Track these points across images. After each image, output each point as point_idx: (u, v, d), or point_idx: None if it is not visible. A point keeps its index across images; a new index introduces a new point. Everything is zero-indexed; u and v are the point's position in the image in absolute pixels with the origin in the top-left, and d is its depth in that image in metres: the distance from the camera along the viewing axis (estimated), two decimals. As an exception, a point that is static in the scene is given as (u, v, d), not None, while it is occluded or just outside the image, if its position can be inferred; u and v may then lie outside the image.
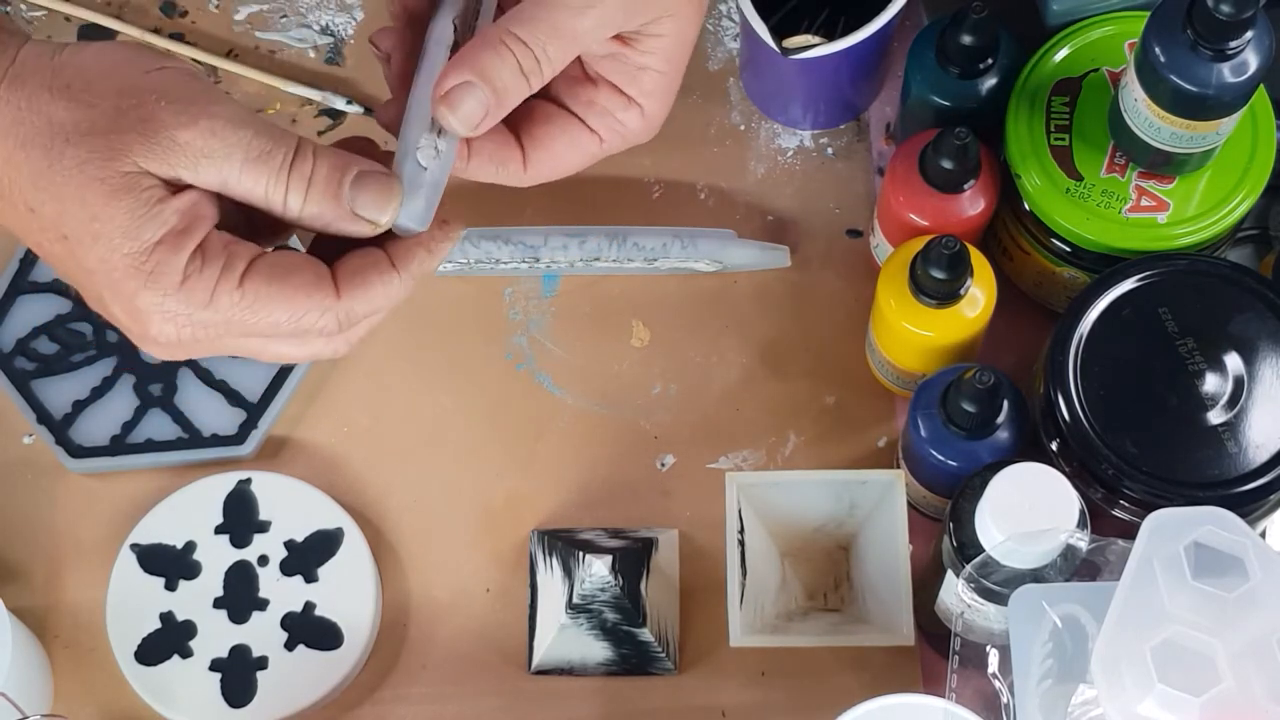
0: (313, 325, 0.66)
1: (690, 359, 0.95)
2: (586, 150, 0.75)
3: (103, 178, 0.62)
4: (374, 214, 0.66)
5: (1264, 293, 0.82)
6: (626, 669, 0.88)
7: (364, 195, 0.66)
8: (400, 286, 0.67)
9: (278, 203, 0.65)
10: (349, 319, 0.66)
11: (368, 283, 0.66)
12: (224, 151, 0.63)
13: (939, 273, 0.83)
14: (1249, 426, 0.80)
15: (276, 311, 0.65)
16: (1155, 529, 0.70)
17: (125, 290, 0.64)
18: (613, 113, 0.74)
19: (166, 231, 0.63)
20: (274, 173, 0.64)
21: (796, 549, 0.90)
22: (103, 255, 0.63)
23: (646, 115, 0.75)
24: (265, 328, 0.65)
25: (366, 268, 0.67)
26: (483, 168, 0.74)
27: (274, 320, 0.65)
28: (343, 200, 0.66)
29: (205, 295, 0.64)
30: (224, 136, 0.63)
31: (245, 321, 0.65)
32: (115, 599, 0.89)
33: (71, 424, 0.93)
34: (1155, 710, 0.66)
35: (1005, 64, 0.89)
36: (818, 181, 0.98)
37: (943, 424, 0.83)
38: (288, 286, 0.65)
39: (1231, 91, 0.79)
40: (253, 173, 0.64)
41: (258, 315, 0.65)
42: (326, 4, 1.02)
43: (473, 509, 0.92)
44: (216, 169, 0.64)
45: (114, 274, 0.63)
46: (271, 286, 0.65)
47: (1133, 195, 0.86)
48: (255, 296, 0.64)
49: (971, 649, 0.76)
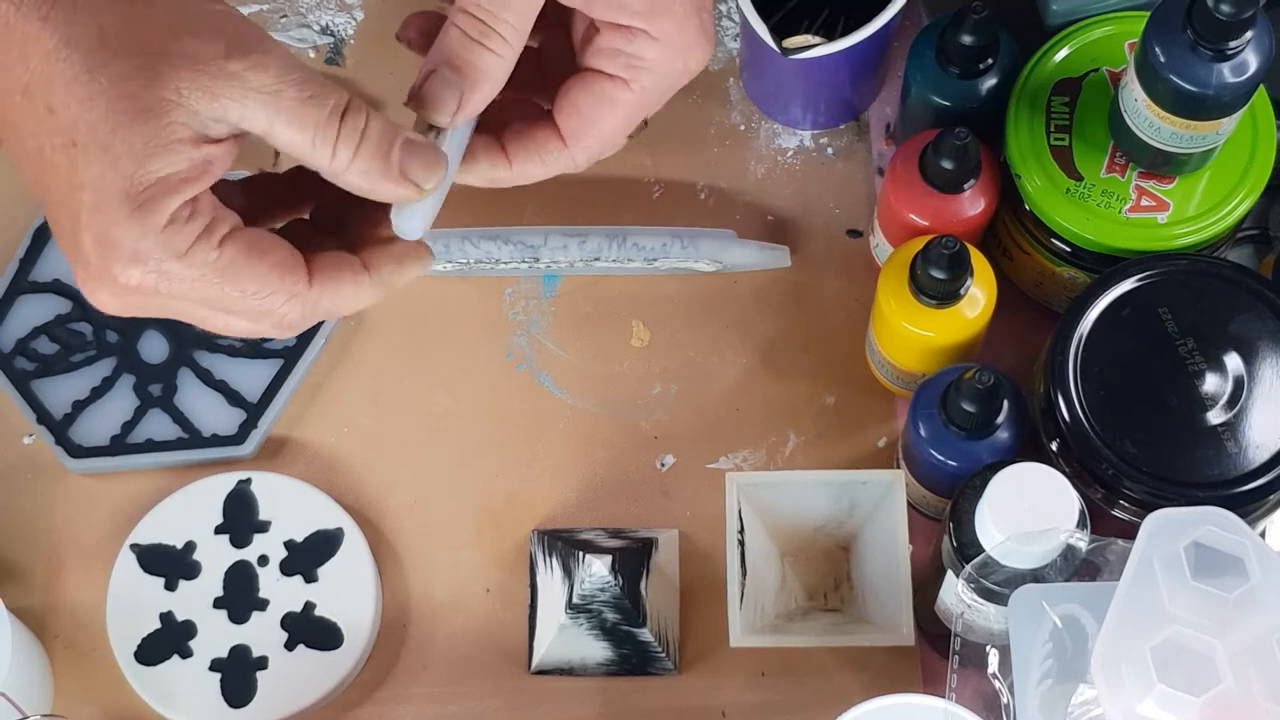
0: (275, 308, 0.65)
1: (690, 359, 0.95)
2: (617, 100, 0.71)
3: (136, 95, 0.60)
4: (422, 178, 0.65)
5: (1264, 293, 0.82)
6: (626, 669, 0.88)
7: (413, 159, 0.65)
8: (368, 291, 0.66)
9: (325, 153, 0.63)
10: (313, 312, 0.65)
11: (339, 279, 0.66)
12: (275, 88, 0.61)
13: (939, 273, 0.83)
14: (1249, 426, 0.80)
15: (246, 283, 0.63)
16: (1155, 529, 0.70)
17: (108, 214, 0.61)
18: (621, 49, 0.70)
19: (172, 172, 0.61)
20: (325, 118, 0.62)
21: (796, 549, 0.90)
22: (103, 171, 0.61)
23: (657, 37, 0.70)
24: (228, 298, 0.64)
25: (340, 265, 0.66)
26: (526, 164, 0.72)
27: (241, 291, 0.63)
28: (393, 160, 0.64)
29: (183, 246, 0.62)
30: (277, 73, 0.61)
31: (211, 285, 0.63)
32: (115, 599, 0.89)
33: (71, 424, 0.93)
34: (1155, 710, 0.66)
35: (1005, 64, 0.89)
36: (818, 181, 0.98)
37: (943, 424, 0.83)
38: (263, 262, 0.64)
39: (1231, 91, 0.79)
40: (303, 116, 0.62)
41: (226, 282, 0.63)
42: (326, 4, 1.02)
43: (473, 509, 0.92)
44: (265, 107, 0.62)
45: (105, 194, 0.61)
46: (249, 258, 0.63)
47: (1133, 195, 0.86)
48: (230, 262, 0.63)
49: (971, 649, 0.76)
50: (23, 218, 0.97)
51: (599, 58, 0.71)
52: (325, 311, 0.66)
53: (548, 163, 0.72)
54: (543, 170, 0.72)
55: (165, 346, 0.94)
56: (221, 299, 0.64)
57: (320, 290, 0.65)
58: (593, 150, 0.72)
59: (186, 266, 0.62)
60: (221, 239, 0.63)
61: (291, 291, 0.64)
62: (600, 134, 0.71)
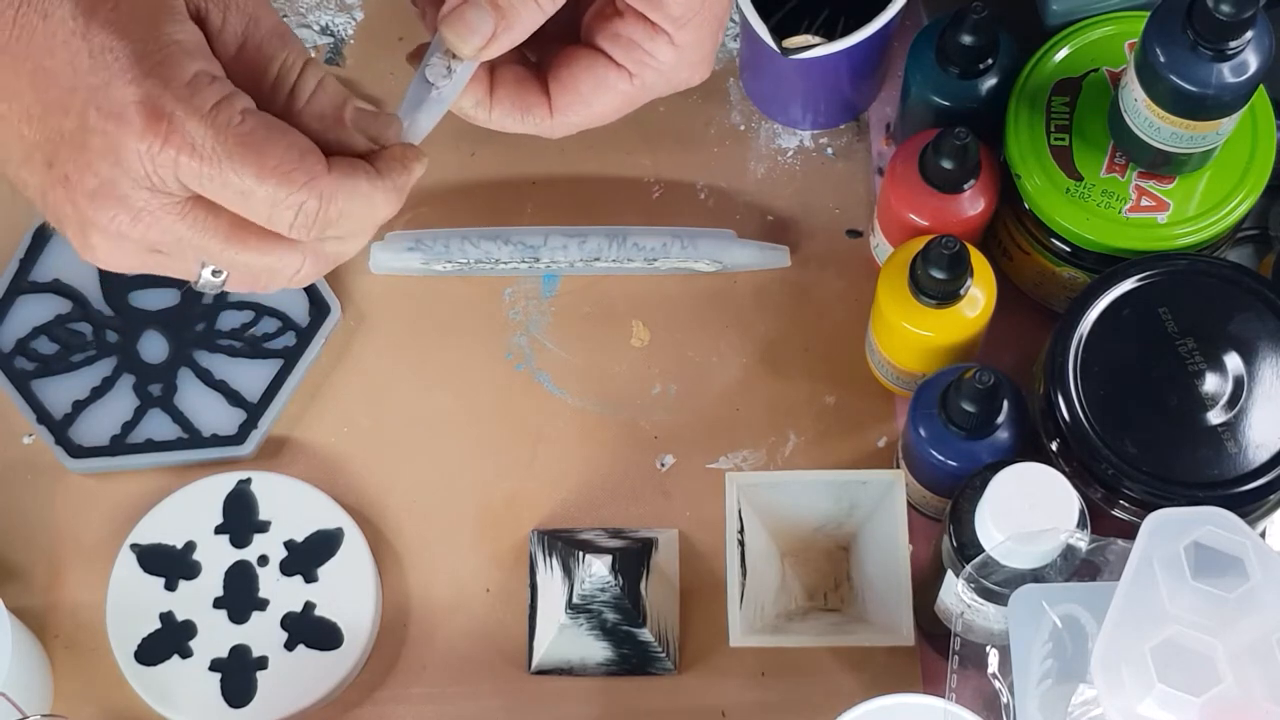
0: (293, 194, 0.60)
1: (690, 359, 0.95)
2: (615, 89, 0.70)
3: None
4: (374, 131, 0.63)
5: (1264, 293, 0.82)
6: (626, 669, 0.88)
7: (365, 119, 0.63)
8: (382, 194, 0.63)
9: (288, 83, 0.61)
10: (327, 214, 0.61)
11: (355, 174, 0.62)
12: (254, 13, 0.60)
13: (939, 273, 0.83)
14: (1249, 426, 0.80)
15: (268, 156, 0.59)
16: (1155, 529, 0.70)
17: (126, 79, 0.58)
18: (639, 43, 0.70)
19: (186, 39, 0.59)
20: (294, 54, 0.61)
21: (796, 549, 0.90)
22: (108, 42, 0.58)
23: (678, 45, 0.70)
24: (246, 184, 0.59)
25: (354, 163, 0.62)
26: (507, 116, 0.71)
27: (260, 168, 0.59)
28: (347, 111, 0.62)
29: (207, 103, 0.58)
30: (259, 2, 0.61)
31: (238, 158, 0.59)
32: (115, 599, 0.89)
33: (71, 424, 0.93)
34: (1155, 710, 0.66)
35: (1005, 64, 0.89)
36: (818, 181, 0.98)
37: (943, 424, 0.83)
38: (284, 138, 0.60)
39: (1231, 91, 0.79)
40: (274, 44, 0.61)
41: (247, 153, 0.59)
42: (326, 4, 1.02)
43: (473, 509, 0.92)
44: (242, 23, 0.60)
45: (116, 63, 0.58)
46: (270, 132, 0.60)
47: (1133, 195, 0.86)
48: (251, 132, 0.59)
49: (971, 649, 0.76)
50: (23, 218, 0.97)
51: (614, 43, 0.70)
52: (343, 209, 0.62)
53: (527, 123, 0.71)
54: (519, 127, 0.71)
55: (165, 346, 0.94)
56: (240, 181, 0.59)
57: (338, 181, 0.61)
58: (573, 125, 0.72)
59: (212, 129, 0.58)
60: (243, 109, 0.59)
61: (311, 173, 0.60)
62: (588, 114, 0.71)
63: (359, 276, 0.97)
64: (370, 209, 0.63)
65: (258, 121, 0.60)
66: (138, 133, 0.58)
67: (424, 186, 0.98)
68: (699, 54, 0.71)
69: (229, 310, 0.95)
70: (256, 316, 0.95)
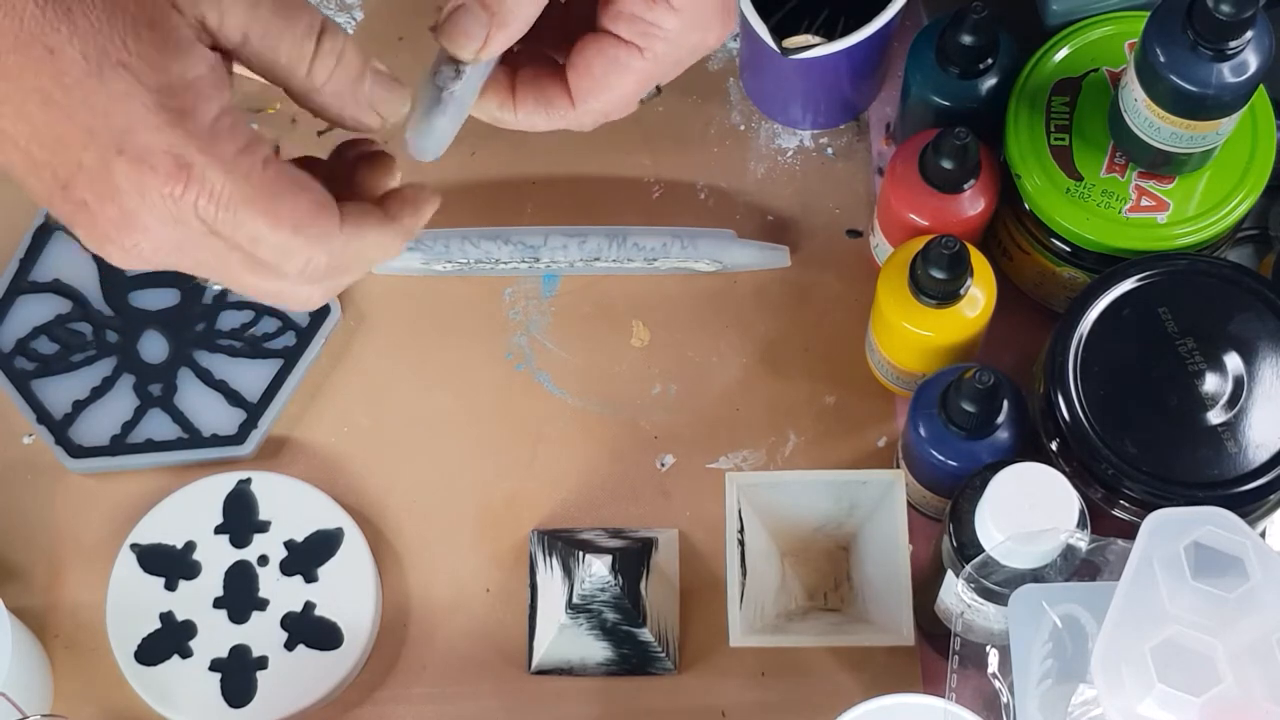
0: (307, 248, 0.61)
1: (690, 359, 0.95)
2: (629, 67, 0.70)
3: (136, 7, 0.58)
4: (386, 110, 0.63)
5: (1264, 293, 0.82)
6: (626, 669, 0.88)
7: (379, 90, 0.63)
8: (391, 238, 0.64)
9: (301, 67, 0.61)
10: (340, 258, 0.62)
11: (364, 224, 0.63)
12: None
13: (939, 273, 0.83)
14: (1249, 426, 0.80)
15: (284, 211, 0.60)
16: (1155, 529, 0.70)
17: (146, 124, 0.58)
18: (640, 15, 0.69)
19: (200, 75, 0.59)
20: (302, 31, 0.61)
21: (796, 549, 0.90)
22: (128, 89, 0.58)
23: (677, 9, 0.69)
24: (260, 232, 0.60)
25: (364, 212, 0.63)
26: (532, 113, 0.71)
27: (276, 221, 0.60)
28: (364, 86, 0.63)
29: (229, 152, 0.59)
30: None
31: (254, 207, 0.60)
32: (115, 599, 0.89)
33: (71, 424, 0.93)
34: (1155, 710, 0.66)
35: (1005, 64, 0.89)
36: (818, 181, 0.98)
37: (943, 424, 0.83)
38: (303, 194, 0.60)
39: (1231, 91, 0.79)
40: (279, 25, 0.60)
41: (265, 204, 0.60)
42: (326, 4, 1.02)
43: (473, 509, 0.92)
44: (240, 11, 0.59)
45: (136, 109, 0.58)
46: (290, 185, 0.60)
47: (1133, 195, 0.86)
48: (275, 181, 0.60)
49: (971, 649, 0.76)
50: (23, 218, 0.97)
51: (617, 21, 0.70)
52: (351, 258, 0.63)
53: (552, 118, 0.71)
54: (547, 123, 0.72)
55: (165, 346, 0.94)
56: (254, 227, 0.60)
57: (349, 234, 0.62)
58: (598, 113, 0.71)
59: (230, 177, 0.59)
60: (265, 158, 0.60)
61: (325, 230, 0.61)
62: (608, 98, 0.71)
63: (359, 276, 0.97)
64: (379, 252, 0.64)
65: (278, 172, 0.60)
66: (162, 179, 0.59)
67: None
68: (703, 12, 0.70)
69: (229, 310, 0.95)
70: (256, 316, 0.95)
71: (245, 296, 0.66)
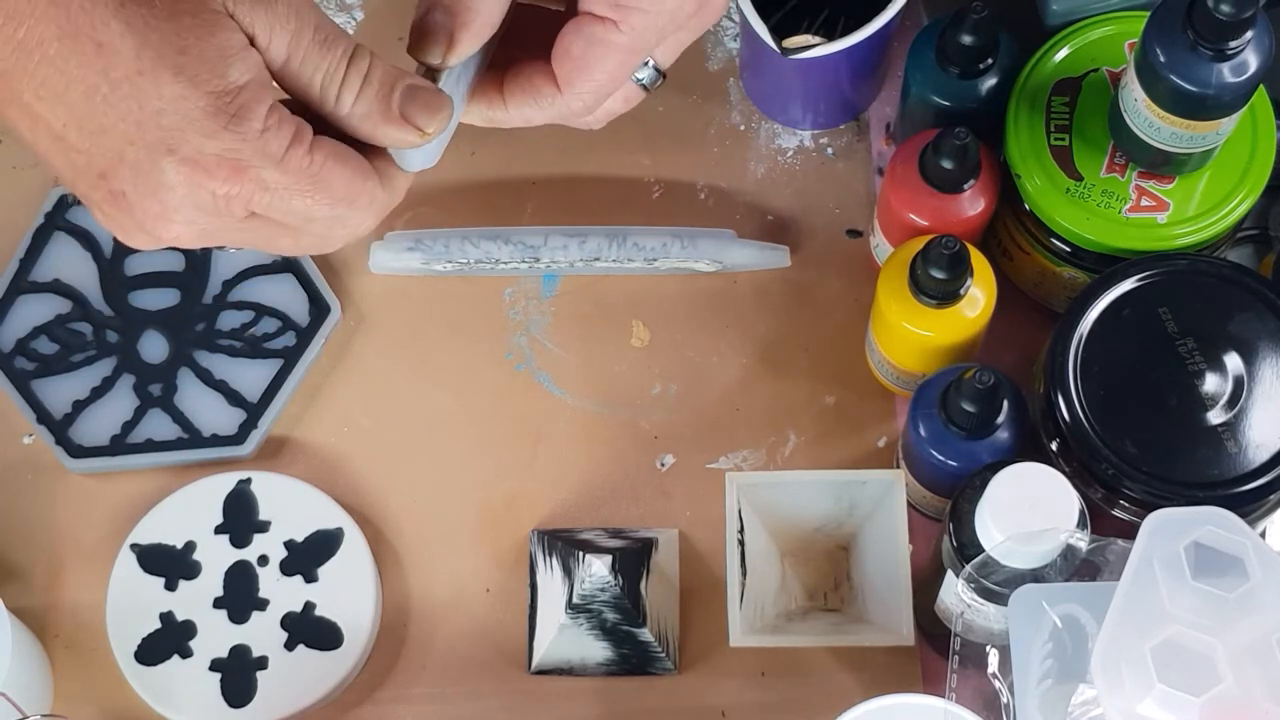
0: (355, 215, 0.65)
1: (690, 359, 0.95)
2: (608, 42, 0.70)
3: (193, 12, 0.60)
4: (423, 121, 0.65)
5: (1264, 293, 0.82)
6: (626, 669, 0.88)
7: (414, 103, 0.65)
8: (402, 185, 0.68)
9: (331, 94, 0.63)
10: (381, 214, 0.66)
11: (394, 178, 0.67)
12: (297, 25, 0.62)
13: (939, 273, 0.83)
14: (1249, 426, 0.80)
15: (336, 189, 0.64)
16: (1155, 529, 0.70)
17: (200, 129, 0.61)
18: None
19: (252, 78, 0.61)
20: (335, 61, 0.63)
21: (796, 549, 0.90)
22: (182, 92, 0.60)
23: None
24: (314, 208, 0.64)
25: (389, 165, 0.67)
26: (522, 105, 0.71)
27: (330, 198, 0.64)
28: (394, 104, 0.64)
29: (280, 149, 0.62)
30: (299, 9, 0.62)
31: (303, 193, 0.63)
32: (115, 599, 0.89)
33: (71, 424, 0.93)
34: (1155, 710, 0.66)
35: (1005, 64, 0.89)
36: (818, 181, 0.98)
37: (943, 424, 0.83)
38: (348, 167, 0.64)
39: (1231, 91, 0.79)
40: (316, 55, 0.62)
41: (318, 189, 0.63)
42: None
43: (473, 509, 0.92)
44: (286, 39, 0.62)
45: (191, 112, 0.60)
46: (337, 163, 0.64)
47: (1133, 195, 0.86)
48: (321, 166, 0.63)
49: (971, 649, 0.76)
50: (23, 218, 0.97)
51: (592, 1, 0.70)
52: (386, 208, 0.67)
53: (543, 106, 0.71)
54: (539, 114, 0.72)
55: (165, 346, 0.94)
56: (307, 209, 0.64)
57: (389, 193, 0.66)
58: (588, 96, 0.71)
59: (284, 173, 0.62)
60: (310, 144, 0.63)
61: (372, 196, 0.65)
62: (593, 79, 0.70)
63: (359, 276, 0.97)
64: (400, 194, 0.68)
65: (325, 154, 0.63)
66: (220, 181, 0.62)
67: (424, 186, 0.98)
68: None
69: (229, 310, 0.95)
70: (256, 316, 0.95)
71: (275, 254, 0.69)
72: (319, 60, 0.63)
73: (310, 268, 0.95)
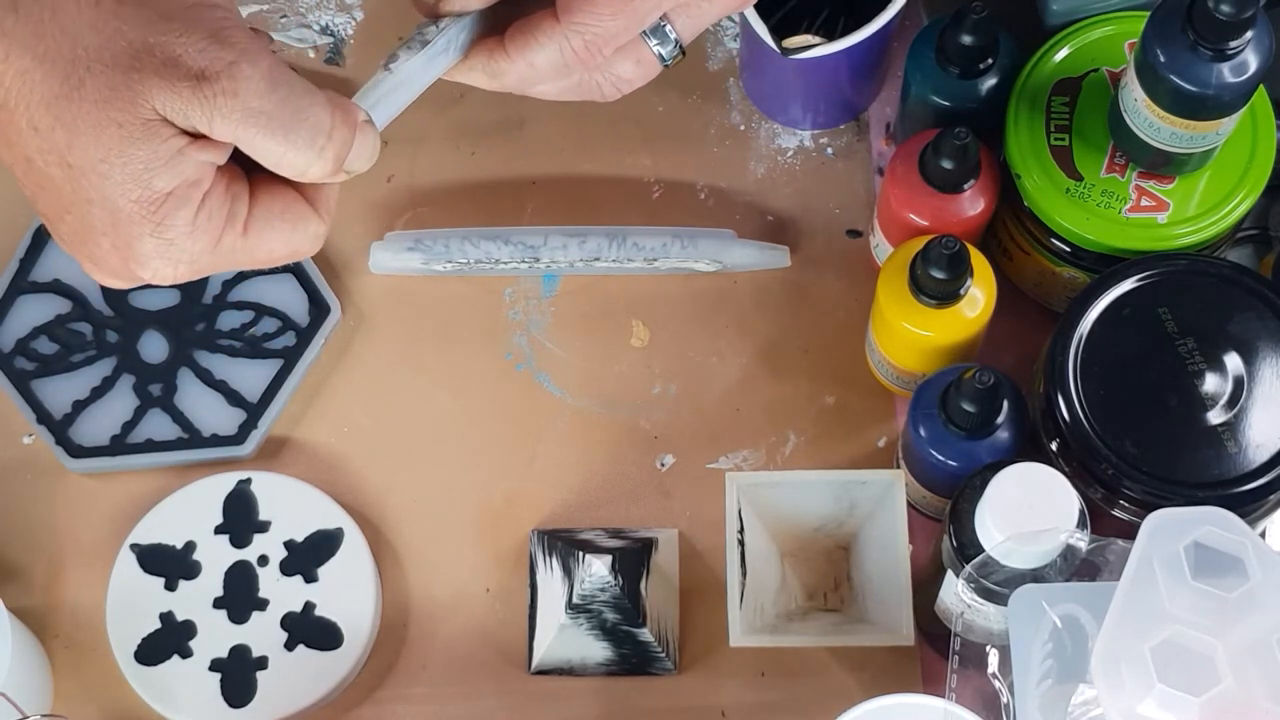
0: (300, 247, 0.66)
1: (690, 359, 0.95)
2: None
3: (121, 121, 0.60)
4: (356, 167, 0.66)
5: (1264, 293, 0.82)
6: (626, 669, 0.88)
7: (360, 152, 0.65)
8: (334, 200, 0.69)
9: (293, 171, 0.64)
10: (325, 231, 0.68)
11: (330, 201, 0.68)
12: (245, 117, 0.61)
13: (939, 273, 0.83)
14: (1249, 426, 0.80)
15: (275, 246, 0.65)
16: (1155, 529, 0.70)
17: (127, 232, 0.62)
18: None
19: (180, 183, 0.61)
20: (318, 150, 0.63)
21: (796, 549, 0.90)
22: (108, 194, 0.61)
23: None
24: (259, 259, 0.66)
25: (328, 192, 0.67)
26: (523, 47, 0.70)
27: (267, 257, 0.65)
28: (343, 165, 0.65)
29: (211, 241, 0.63)
30: (248, 97, 0.61)
31: (241, 258, 0.65)
32: (115, 599, 0.89)
33: (71, 424, 0.93)
34: (1155, 710, 0.66)
35: (1005, 64, 0.89)
36: (818, 181, 0.98)
37: (943, 424, 0.83)
38: (286, 222, 0.65)
39: (1231, 91, 0.79)
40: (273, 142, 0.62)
41: (256, 252, 0.65)
42: (326, 4, 1.02)
43: (473, 509, 0.92)
44: (233, 128, 0.61)
45: (118, 215, 0.61)
46: (269, 222, 0.65)
47: (1133, 195, 0.86)
48: (258, 238, 0.64)
49: (971, 649, 0.76)
50: (23, 218, 0.97)
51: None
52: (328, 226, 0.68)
53: (541, 41, 0.69)
54: (540, 52, 0.70)
55: (165, 346, 0.94)
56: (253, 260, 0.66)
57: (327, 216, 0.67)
58: (588, 31, 0.69)
59: (217, 255, 0.63)
60: (245, 223, 0.64)
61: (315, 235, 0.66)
62: (595, 12, 0.69)
63: (359, 276, 0.97)
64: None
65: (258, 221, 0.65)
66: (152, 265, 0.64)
67: (424, 186, 0.98)
68: None
69: (229, 310, 0.95)
70: (256, 316, 0.95)
71: None
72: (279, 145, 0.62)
73: (310, 268, 0.95)
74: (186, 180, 0.61)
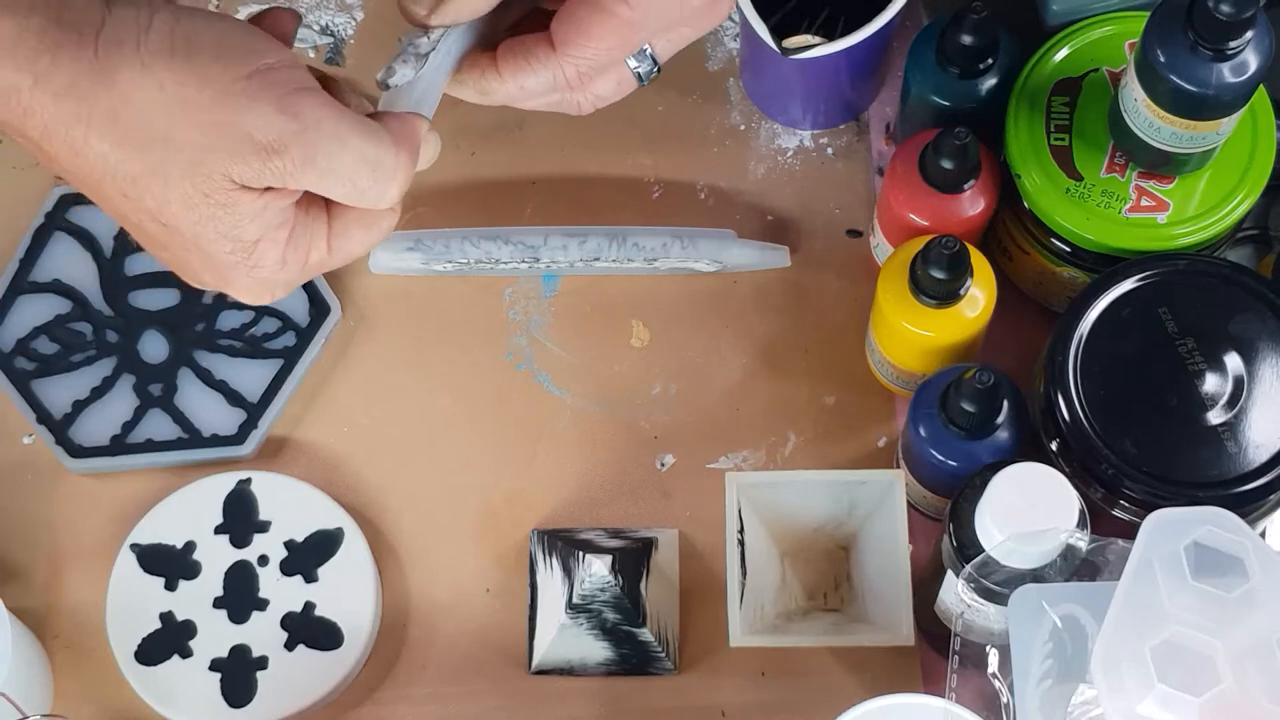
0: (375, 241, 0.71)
1: (690, 359, 0.95)
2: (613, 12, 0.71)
3: (207, 191, 0.64)
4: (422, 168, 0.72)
5: (1264, 293, 0.82)
6: (626, 669, 0.88)
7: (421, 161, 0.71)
8: None
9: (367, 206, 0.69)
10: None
11: None
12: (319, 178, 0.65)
13: (939, 273, 0.83)
14: (1249, 426, 0.80)
15: (355, 249, 0.70)
16: (1155, 529, 0.70)
17: (223, 274, 0.68)
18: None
19: (267, 229, 0.66)
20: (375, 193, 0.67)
21: (796, 549, 0.90)
22: (203, 247, 0.66)
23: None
24: (340, 262, 0.70)
25: None
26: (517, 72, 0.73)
27: (350, 254, 0.70)
28: None
29: (299, 267, 0.68)
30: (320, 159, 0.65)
31: (327, 267, 0.70)
32: (115, 599, 0.89)
33: (71, 424, 0.93)
34: (1155, 710, 0.66)
35: (1005, 64, 0.89)
36: (818, 181, 0.98)
37: (943, 424, 0.83)
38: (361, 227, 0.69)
39: (1231, 91, 0.79)
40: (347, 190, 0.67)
41: (339, 258, 0.69)
42: (326, 4, 1.02)
43: (473, 509, 0.92)
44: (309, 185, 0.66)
45: (213, 261, 0.67)
46: (350, 235, 0.69)
47: (1133, 195, 0.86)
48: (339, 248, 0.69)
49: (971, 649, 0.76)
50: (23, 218, 0.97)
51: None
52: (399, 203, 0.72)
53: (535, 70, 0.72)
54: (533, 77, 0.72)
55: (165, 346, 0.94)
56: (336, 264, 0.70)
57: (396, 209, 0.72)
58: (582, 62, 0.72)
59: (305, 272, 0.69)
60: (326, 240, 0.68)
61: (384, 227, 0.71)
62: (590, 45, 0.71)
63: (359, 276, 0.97)
64: None
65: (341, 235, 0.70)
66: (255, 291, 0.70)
67: (424, 186, 0.98)
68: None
69: (229, 310, 0.95)
70: (256, 316, 0.95)
71: None
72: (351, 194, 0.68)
73: (310, 268, 0.95)
74: (272, 225, 0.66)
